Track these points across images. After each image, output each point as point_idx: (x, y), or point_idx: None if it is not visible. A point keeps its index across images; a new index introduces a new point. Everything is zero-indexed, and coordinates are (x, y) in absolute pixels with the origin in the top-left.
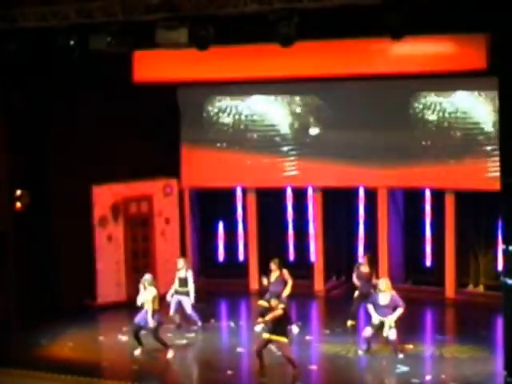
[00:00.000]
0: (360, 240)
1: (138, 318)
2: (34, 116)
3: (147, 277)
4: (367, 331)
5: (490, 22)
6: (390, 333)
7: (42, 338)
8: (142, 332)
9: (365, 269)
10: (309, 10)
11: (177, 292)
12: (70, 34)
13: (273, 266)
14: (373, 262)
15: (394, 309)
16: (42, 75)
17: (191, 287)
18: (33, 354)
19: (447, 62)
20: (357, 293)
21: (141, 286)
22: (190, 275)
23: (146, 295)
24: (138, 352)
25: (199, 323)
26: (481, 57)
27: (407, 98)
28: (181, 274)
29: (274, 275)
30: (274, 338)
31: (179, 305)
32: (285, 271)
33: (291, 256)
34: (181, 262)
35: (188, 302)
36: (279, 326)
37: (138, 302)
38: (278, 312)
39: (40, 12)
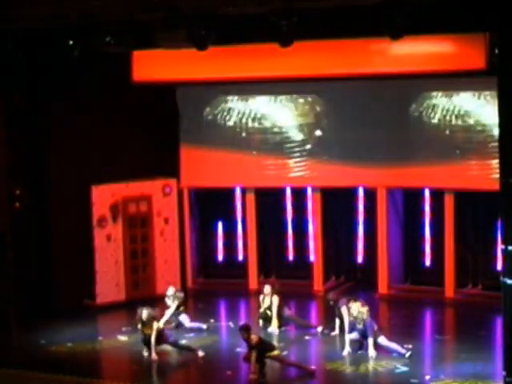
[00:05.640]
0: (359, 240)
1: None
2: (34, 116)
3: (145, 314)
4: (353, 336)
5: (489, 21)
6: (381, 341)
7: (41, 338)
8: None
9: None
10: (309, 10)
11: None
12: (69, 34)
13: (266, 290)
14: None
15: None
16: (41, 75)
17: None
18: (32, 354)
19: (446, 61)
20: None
21: (139, 324)
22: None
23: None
24: (146, 353)
25: (204, 326)
26: (480, 56)
27: (407, 97)
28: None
29: (267, 300)
30: (268, 355)
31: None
32: (274, 298)
33: (291, 256)
34: (171, 290)
35: (186, 319)
36: (265, 347)
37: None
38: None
39: (39, 12)
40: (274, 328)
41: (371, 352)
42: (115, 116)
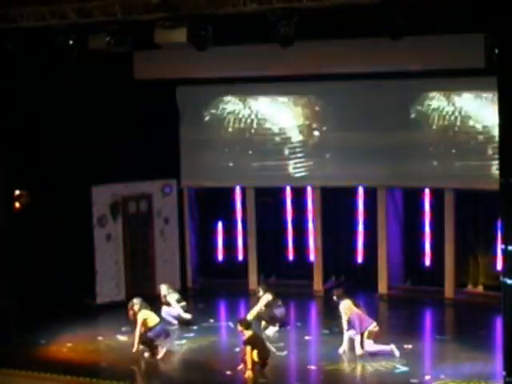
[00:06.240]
0: (359, 239)
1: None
2: (34, 116)
3: (136, 306)
4: (351, 333)
5: (489, 21)
6: (367, 346)
7: (41, 338)
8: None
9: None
10: (309, 9)
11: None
12: (69, 34)
13: (261, 291)
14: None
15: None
16: (41, 75)
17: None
18: (32, 354)
19: (446, 61)
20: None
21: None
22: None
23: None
24: (147, 354)
25: (175, 321)
26: (480, 56)
27: (407, 98)
28: (174, 296)
29: (262, 302)
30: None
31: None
32: (265, 296)
33: (290, 256)
34: (164, 288)
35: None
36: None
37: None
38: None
39: (39, 12)
40: (250, 316)
41: (357, 350)
42: (115, 116)
